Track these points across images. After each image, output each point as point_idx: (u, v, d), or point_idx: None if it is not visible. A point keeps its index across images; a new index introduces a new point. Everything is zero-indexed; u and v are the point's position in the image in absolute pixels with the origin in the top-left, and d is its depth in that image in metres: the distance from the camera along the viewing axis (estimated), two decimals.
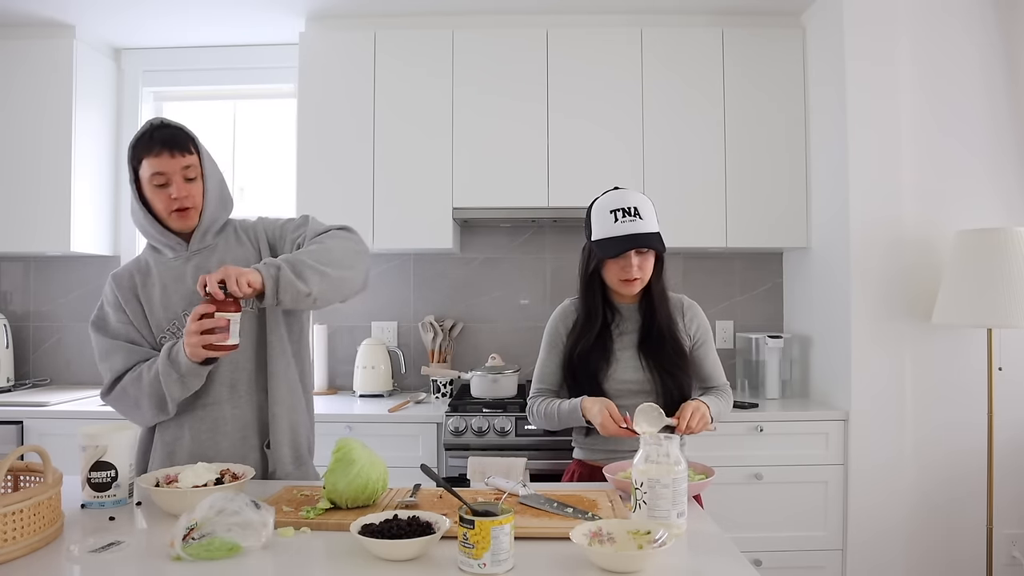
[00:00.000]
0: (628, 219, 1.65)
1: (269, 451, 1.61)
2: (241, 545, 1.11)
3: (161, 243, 1.61)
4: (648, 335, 1.74)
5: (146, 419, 1.58)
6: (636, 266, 1.67)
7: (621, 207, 1.66)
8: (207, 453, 1.57)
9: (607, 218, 1.67)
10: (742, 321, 3.21)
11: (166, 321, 1.58)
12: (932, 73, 2.61)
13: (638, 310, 1.77)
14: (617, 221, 1.65)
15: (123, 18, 2.99)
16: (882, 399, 2.55)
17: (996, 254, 2.30)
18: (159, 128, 1.54)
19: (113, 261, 3.28)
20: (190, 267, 1.60)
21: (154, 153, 1.50)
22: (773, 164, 2.90)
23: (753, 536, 2.54)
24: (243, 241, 1.67)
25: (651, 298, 1.75)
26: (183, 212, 1.56)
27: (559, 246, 3.24)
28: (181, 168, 1.53)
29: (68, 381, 3.26)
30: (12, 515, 1.09)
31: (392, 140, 2.89)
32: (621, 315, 1.78)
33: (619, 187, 1.80)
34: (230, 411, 1.59)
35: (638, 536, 1.14)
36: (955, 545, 2.58)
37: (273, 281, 1.40)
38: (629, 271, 1.67)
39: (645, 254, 1.69)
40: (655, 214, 1.71)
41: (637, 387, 1.73)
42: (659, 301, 1.75)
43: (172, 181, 1.52)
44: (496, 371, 2.79)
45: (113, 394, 1.57)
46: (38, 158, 2.96)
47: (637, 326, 1.77)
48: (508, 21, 2.99)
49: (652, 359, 1.72)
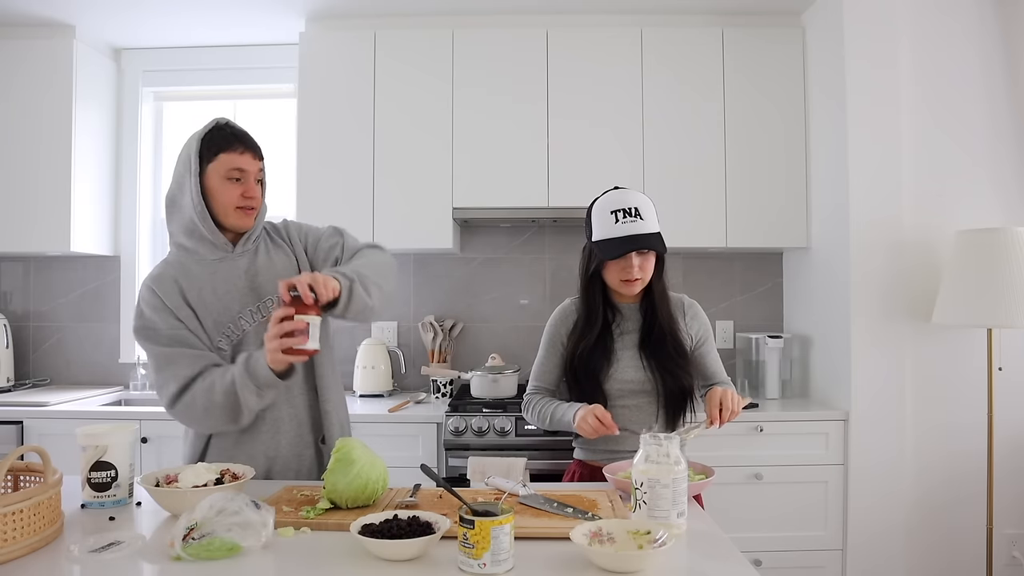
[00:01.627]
0: (629, 220, 1.65)
1: (324, 446, 1.65)
2: (241, 545, 1.11)
3: (205, 241, 1.58)
4: (649, 335, 1.74)
5: (215, 428, 1.57)
6: (637, 267, 1.66)
7: (622, 207, 1.66)
8: (268, 453, 1.60)
9: (608, 219, 1.67)
10: (742, 321, 3.21)
11: (223, 324, 1.57)
12: (932, 73, 2.61)
13: (639, 310, 1.77)
14: (618, 222, 1.65)
15: (123, 18, 2.99)
16: (882, 399, 2.55)
17: (996, 254, 2.30)
18: (235, 129, 1.59)
19: (113, 261, 3.28)
20: (240, 268, 1.61)
21: (237, 150, 1.56)
22: (773, 164, 2.90)
23: (753, 536, 2.54)
24: (279, 243, 1.70)
25: (652, 298, 1.75)
26: (249, 211, 1.59)
27: (559, 246, 3.24)
28: (257, 170, 1.61)
29: (68, 381, 3.26)
30: (12, 515, 1.09)
31: (392, 140, 2.89)
32: (622, 315, 1.78)
33: (619, 187, 1.80)
34: (287, 411, 1.62)
35: (638, 536, 1.14)
36: (955, 545, 2.58)
37: (348, 292, 1.45)
38: (630, 272, 1.67)
39: (646, 254, 1.68)
40: (656, 214, 1.71)
41: (638, 387, 1.73)
42: (660, 301, 1.75)
43: (247, 180, 1.58)
44: (496, 371, 2.79)
45: (181, 404, 1.51)
46: (38, 158, 2.96)
47: (638, 326, 1.76)
48: (508, 21, 2.99)
49: (653, 359, 1.72)
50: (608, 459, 1.66)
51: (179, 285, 1.57)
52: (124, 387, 3.21)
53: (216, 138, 1.56)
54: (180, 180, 1.59)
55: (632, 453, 1.46)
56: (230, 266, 1.60)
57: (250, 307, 1.60)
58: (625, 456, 1.64)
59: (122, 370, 3.25)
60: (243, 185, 1.58)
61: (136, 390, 3.15)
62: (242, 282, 1.60)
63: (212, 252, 1.60)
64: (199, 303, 1.57)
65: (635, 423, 1.71)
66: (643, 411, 1.73)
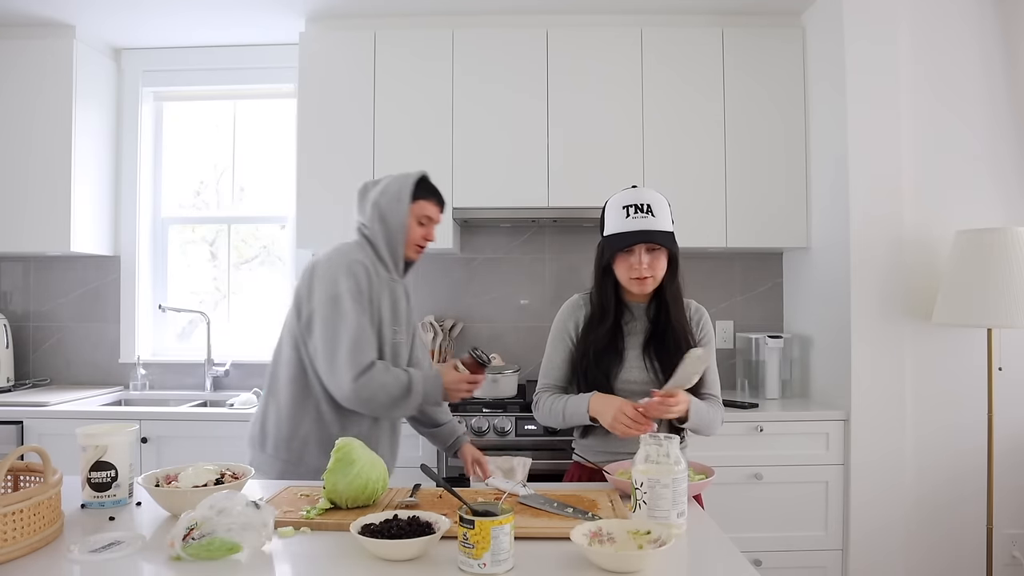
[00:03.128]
0: (640, 215, 1.64)
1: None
2: (241, 545, 1.11)
3: (394, 261, 1.87)
4: (654, 336, 1.72)
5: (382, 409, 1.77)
6: (646, 264, 1.64)
7: (634, 203, 1.65)
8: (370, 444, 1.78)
9: (619, 214, 1.66)
10: (742, 321, 3.21)
11: (388, 334, 1.82)
12: (932, 73, 2.61)
13: (646, 312, 1.75)
14: (628, 217, 1.65)
15: (123, 18, 2.99)
16: (882, 399, 2.55)
17: (996, 254, 2.30)
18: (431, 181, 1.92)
19: (113, 261, 3.28)
20: (401, 292, 1.90)
21: (435, 202, 1.90)
22: (773, 164, 2.90)
23: (753, 536, 2.54)
24: (410, 292, 1.98)
25: (663, 300, 1.72)
26: (421, 250, 1.92)
27: (559, 246, 3.24)
28: (440, 219, 1.93)
29: (68, 381, 3.26)
30: (12, 515, 1.09)
31: (392, 140, 2.89)
32: (631, 313, 1.75)
33: (636, 186, 1.79)
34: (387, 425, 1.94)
35: (638, 536, 1.14)
36: (955, 545, 2.58)
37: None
38: (639, 269, 1.66)
39: (656, 253, 1.66)
40: (670, 214, 1.69)
41: (640, 387, 1.70)
42: (673, 303, 1.71)
43: (431, 227, 1.91)
44: (496, 371, 2.79)
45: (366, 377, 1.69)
46: (38, 158, 2.96)
47: (645, 326, 1.74)
48: (508, 21, 2.99)
49: (657, 360, 1.70)
50: (608, 461, 1.65)
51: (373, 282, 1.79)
52: (124, 387, 3.22)
53: (427, 189, 1.89)
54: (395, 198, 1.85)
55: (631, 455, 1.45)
56: (397, 288, 1.89)
57: (405, 326, 1.90)
58: (624, 458, 1.64)
59: (122, 370, 3.25)
60: (426, 229, 1.90)
61: (136, 390, 3.16)
62: (402, 304, 1.90)
63: (392, 272, 1.87)
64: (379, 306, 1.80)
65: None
66: None
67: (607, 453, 1.72)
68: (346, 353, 1.67)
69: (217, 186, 3.46)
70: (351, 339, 1.68)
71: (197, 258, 3.46)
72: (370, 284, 1.76)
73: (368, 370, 1.68)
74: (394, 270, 1.87)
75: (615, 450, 1.71)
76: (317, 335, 1.71)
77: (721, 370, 3.31)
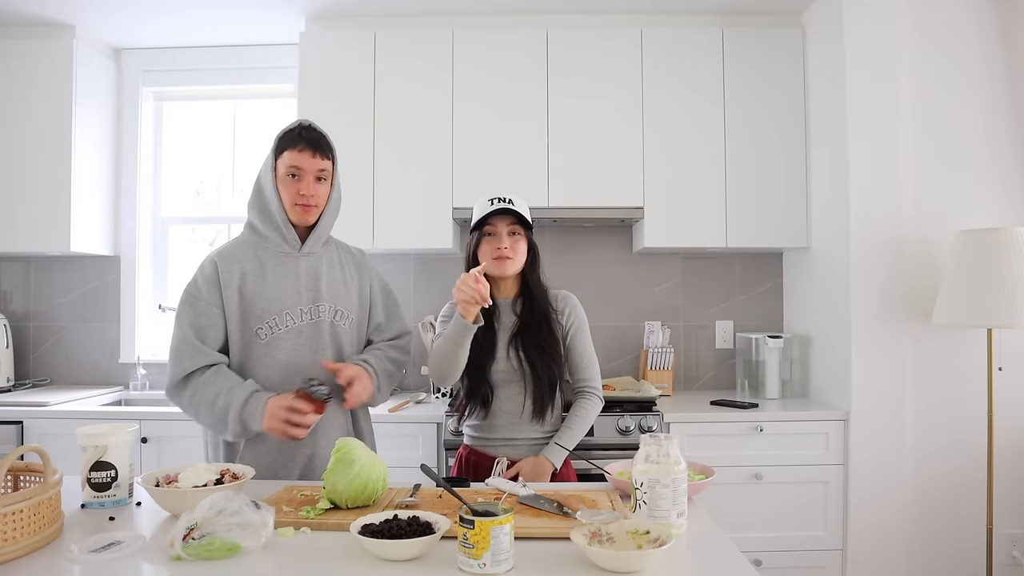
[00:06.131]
0: (501, 204, 1.81)
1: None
2: (241, 545, 1.11)
3: (279, 233, 1.69)
4: (521, 326, 1.85)
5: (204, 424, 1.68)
6: (507, 245, 1.81)
7: (497, 196, 1.83)
8: (306, 452, 1.69)
9: (484, 204, 1.84)
10: (742, 321, 3.21)
11: (269, 315, 1.67)
12: (932, 73, 2.60)
13: (512, 306, 1.88)
14: (492, 205, 1.82)
15: (123, 18, 2.99)
16: (882, 399, 2.55)
17: (996, 254, 2.30)
18: (307, 128, 1.70)
19: (113, 261, 3.28)
20: (302, 267, 1.72)
21: (297, 148, 1.65)
22: (773, 164, 2.90)
23: (753, 536, 2.54)
24: (346, 264, 1.81)
25: (528, 289, 1.88)
26: (306, 208, 1.68)
27: (559, 246, 3.24)
28: (316, 169, 1.67)
29: (68, 381, 3.26)
30: (12, 515, 1.09)
31: (392, 140, 2.89)
32: (499, 309, 1.88)
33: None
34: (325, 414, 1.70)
35: (638, 536, 1.14)
36: (955, 545, 2.58)
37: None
38: (501, 250, 1.81)
39: (517, 237, 1.83)
40: (529, 215, 1.85)
41: (508, 376, 1.83)
42: (535, 290, 1.88)
43: (304, 178, 1.66)
44: None
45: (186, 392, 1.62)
46: (38, 158, 2.96)
47: (513, 318, 1.87)
48: (508, 21, 2.99)
49: (523, 350, 1.83)
50: (484, 445, 1.86)
51: (241, 268, 1.68)
52: (124, 387, 3.22)
53: (286, 138, 1.68)
54: (264, 171, 1.70)
55: (507, 440, 1.83)
56: (294, 263, 1.71)
57: (301, 307, 1.69)
58: (500, 442, 1.84)
59: (122, 370, 3.25)
60: (299, 182, 1.66)
61: (136, 390, 3.15)
62: (301, 281, 1.70)
63: (281, 245, 1.70)
64: (253, 290, 1.66)
65: (506, 412, 1.84)
66: (513, 400, 1.84)
67: (484, 440, 1.87)
68: (168, 362, 1.64)
69: (217, 186, 3.46)
70: (172, 347, 1.64)
71: (197, 258, 3.45)
72: (221, 275, 1.66)
73: (184, 381, 1.61)
74: (285, 243, 1.70)
75: (490, 437, 1.86)
76: None
77: (721, 370, 3.34)
